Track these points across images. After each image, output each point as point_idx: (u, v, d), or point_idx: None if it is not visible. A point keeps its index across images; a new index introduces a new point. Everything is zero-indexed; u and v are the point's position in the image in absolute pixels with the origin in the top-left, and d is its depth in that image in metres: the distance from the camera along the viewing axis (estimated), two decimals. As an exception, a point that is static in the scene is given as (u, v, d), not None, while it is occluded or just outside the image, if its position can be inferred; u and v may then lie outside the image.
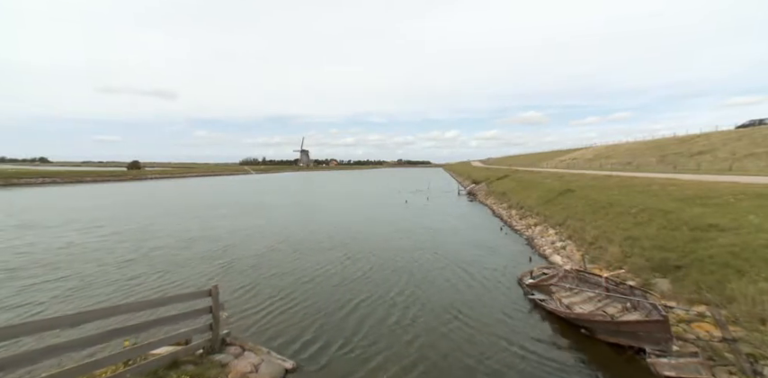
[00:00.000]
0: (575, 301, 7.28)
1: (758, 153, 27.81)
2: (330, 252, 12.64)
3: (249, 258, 11.77)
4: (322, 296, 8.43)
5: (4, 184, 44.45)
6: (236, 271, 10.42)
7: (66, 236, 14.97)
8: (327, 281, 9.56)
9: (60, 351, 3.35)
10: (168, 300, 4.85)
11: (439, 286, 9.18)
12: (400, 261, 11.54)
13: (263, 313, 7.43)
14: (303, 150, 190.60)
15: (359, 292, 8.67)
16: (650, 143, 50.18)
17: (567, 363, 5.60)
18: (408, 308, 7.77)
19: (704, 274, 6.90)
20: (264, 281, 9.54)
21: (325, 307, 7.78)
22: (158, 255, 12.15)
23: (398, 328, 6.79)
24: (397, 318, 7.26)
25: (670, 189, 14.43)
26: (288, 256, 12.17)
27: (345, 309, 7.69)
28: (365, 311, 7.56)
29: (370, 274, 10.11)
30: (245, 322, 6.98)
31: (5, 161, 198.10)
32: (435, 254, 12.46)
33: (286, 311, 7.53)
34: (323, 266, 10.87)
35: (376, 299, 8.27)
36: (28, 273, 10.03)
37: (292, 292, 8.65)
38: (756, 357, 4.70)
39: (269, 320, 7.09)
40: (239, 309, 7.60)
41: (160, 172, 78.57)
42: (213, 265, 11.03)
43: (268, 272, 10.32)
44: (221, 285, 5.59)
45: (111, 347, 4.91)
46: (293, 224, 18.62)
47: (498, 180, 37.99)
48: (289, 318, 7.22)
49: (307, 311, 7.54)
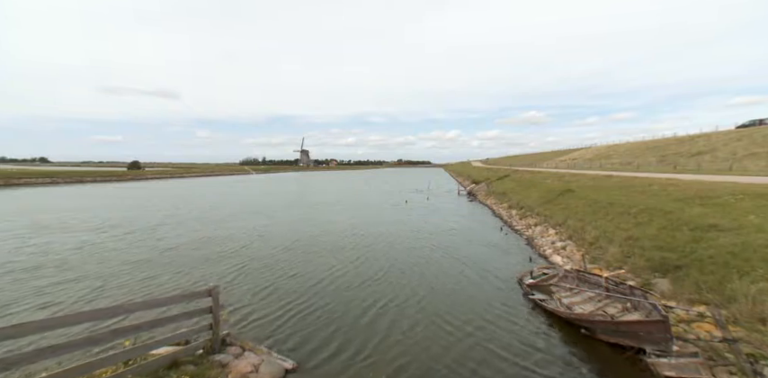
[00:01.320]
0: (575, 301, 7.27)
1: (758, 153, 27.82)
2: (329, 252, 12.63)
3: (248, 258, 11.77)
4: (322, 296, 8.42)
5: (4, 184, 44.48)
6: (235, 272, 10.41)
7: (80, 236, 14.97)
8: (327, 281, 9.54)
9: (60, 351, 3.35)
10: (168, 300, 4.85)
11: (438, 286, 9.16)
12: (400, 261, 11.53)
13: (263, 313, 7.43)
14: (303, 150, 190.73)
15: (359, 293, 8.67)
16: (650, 143, 50.22)
17: (567, 363, 5.60)
18: (407, 307, 7.76)
19: (704, 274, 6.90)
20: (264, 281, 9.53)
21: (326, 307, 7.78)
22: (171, 255, 12.18)
23: (398, 328, 6.78)
24: (397, 318, 7.25)
25: (670, 189, 14.44)
26: (288, 256, 12.16)
27: (346, 309, 7.69)
28: (365, 311, 7.56)
29: (370, 275, 10.10)
30: (245, 322, 6.98)
31: (5, 161, 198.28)
32: (435, 254, 12.45)
33: (286, 311, 7.53)
34: (323, 266, 10.86)
35: (376, 299, 8.26)
36: (47, 272, 10.06)
37: (293, 292, 8.65)
38: (756, 357, 4.70)
39: (269, 320, 7.09)
40: (239, 308, 7.61)
41: (160, 172, 78.64)
42: (219, 265, 11.03)
43: (268, 272, 10.32)
44: (221, 285, 5.59)
45: (111, 347, 4.92)
46: (293, 224, 18.61)
47: (498, 180, 37.99)
48: (289, 317, 7.22)
49: (307, 311, 7.54)
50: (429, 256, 12.21)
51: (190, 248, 13.04)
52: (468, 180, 52.32)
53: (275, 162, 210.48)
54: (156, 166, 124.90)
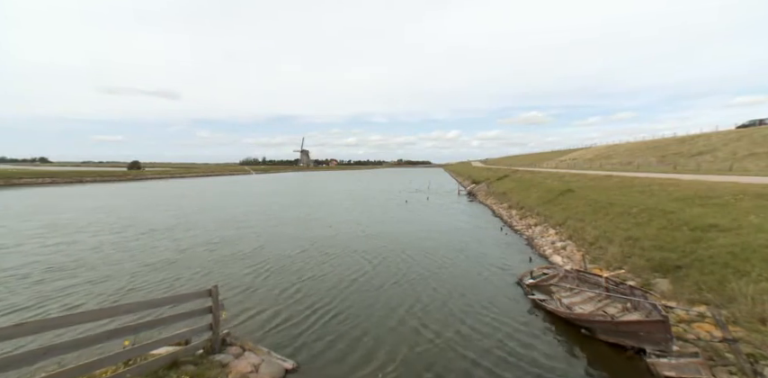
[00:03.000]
0: (575, 302, 7.27)
1: (758, 153, 27.82)
2: (328, 253, 12.63)
3: (247, 258, 11.78)
4: (322, 296, 8.43)
5: (4, 185, 44.48)
6: (236, 270, 10.42)
7: (94, 236, 15.04)
8: (327, 281, 9.55)
9: (60, 351, 3.34)
10: (168, 300, 4.85)
11: (437, 286, 9.15)
12: (399, 261, 11.52)
13: (264, 313, 7.43)
14: (303, 150, 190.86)
15: (359, 293, 8.67)
16: (650, 143, 50.20)
17: (567, 363, 5.60)
18: (407, 307, 7.76)
19: (704, 275, 6.90)
20: (264, 281, 9.54)
21: (327, 306, 7.78)
22: (186, 256, 12.18)
23: (398, 328, 6.78)
24: (397, 317, 7.25)
25: (670, 189, 14.43)
26: (287, 256, 12.17)
27: (346, 309, 7.69)
28: (366, 311, 7.55)
29: (370, 275, 10.09)
30: (244, 322, 6.99)
31: (5, 161, 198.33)
32: (435, 254, 12.44)
33: (286, 311, 7.54)
34: (322, 267, 10.86)
35: (376, 299, 8.27)
36: (74, 272, 10.11)
37: (292, 292, 8.65)
38: (756, 357, 4.70)
39: (269, 320, 7.09)
40: (240, 308, 7.61)
41: (160, 172, 78.72)
42: (233, 266, 11.03)
43: (268, 272, 10.32)
44: (220, 285, 5.58)
45: (111, 347, 4.91)
46: (292, 225, 18.61)
47: (498, 180, 37.99)
48: (289, 317, 7.22)
49: (308, 311, 7.54)
50: (429, 256, 12.19)
51: (204, 249, 13.04)
52: (468, 180, 52.33)
53: (275, 162, 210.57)
54: (157, 166, 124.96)
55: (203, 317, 5.08)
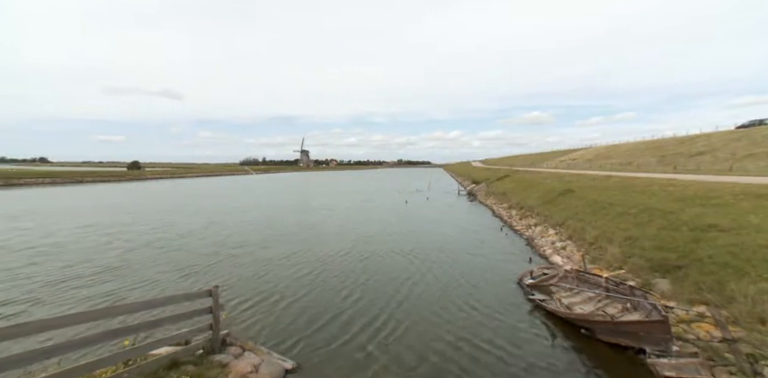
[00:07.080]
0: (575, 302, 7.27)
1: (758, 153, 27.81)
2: (327, 253, 12.63)
3: (247, 258, 11.78)
4: (322, 296, 8.43)
5: (4, 185, 44.45)
6: (236, 271, 10.42)
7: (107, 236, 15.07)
8: (327, 281, 9.55)
9: (60, 351, 3.34)
10: (168, 300, 4.84)
11: (437, 286, 9.16)
12: (399, 261, 11.53)
13: (264, 313, 7.43)
14: (303, 151, 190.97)
15: (359, 293, 8.66)
16: (650, 143, 50.19)
17: (567, 363, 5.60)
18: (407, 308, 7.76)
19: (704, 275, 6.90)
20: (264, 281, 9.54)
21: (327, 306, 7.78)
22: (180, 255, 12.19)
23: (399, 329, 6.78)
24: (398, 318, 7.25)
25: (670, 189, 14.44)
26: (287, 256, 12.16)
27: (346, 309, 7.69)
28: (366, 312, 7.55)
29: (370, 275, 10.09)
30: (244, 322, 6.98)
31: (5, 161, 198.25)
32: (435, 254, 12.44)
33: (286, 311, 7.54)
34: (322, 267, 10.86)
35: (376, 299, 8.26)
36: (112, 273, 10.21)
37: (293, 292, 8.65)
38: (756, 357, 4.70)
39: (269, 320, 7.09)
40: (240, 308, 7.61)
41: (160, 172, 78.70)
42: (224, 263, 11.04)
43: (268, 272, 10.32)
44: (221, 286, 5.58)
45: (111, 347, 4.92)
46: (291, 225, 18.61)
47: (498, 180, 37.99)
48: (289, 317, 7.22)
49: (307, 311, 7.54)
50: (429, 257, 12.19)
51: (203, 249, 13.07)
52: (468, 180, 52.33)
53: (275, 162, 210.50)
54: (157, 166, 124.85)
55: (203, 317, 5.08)
